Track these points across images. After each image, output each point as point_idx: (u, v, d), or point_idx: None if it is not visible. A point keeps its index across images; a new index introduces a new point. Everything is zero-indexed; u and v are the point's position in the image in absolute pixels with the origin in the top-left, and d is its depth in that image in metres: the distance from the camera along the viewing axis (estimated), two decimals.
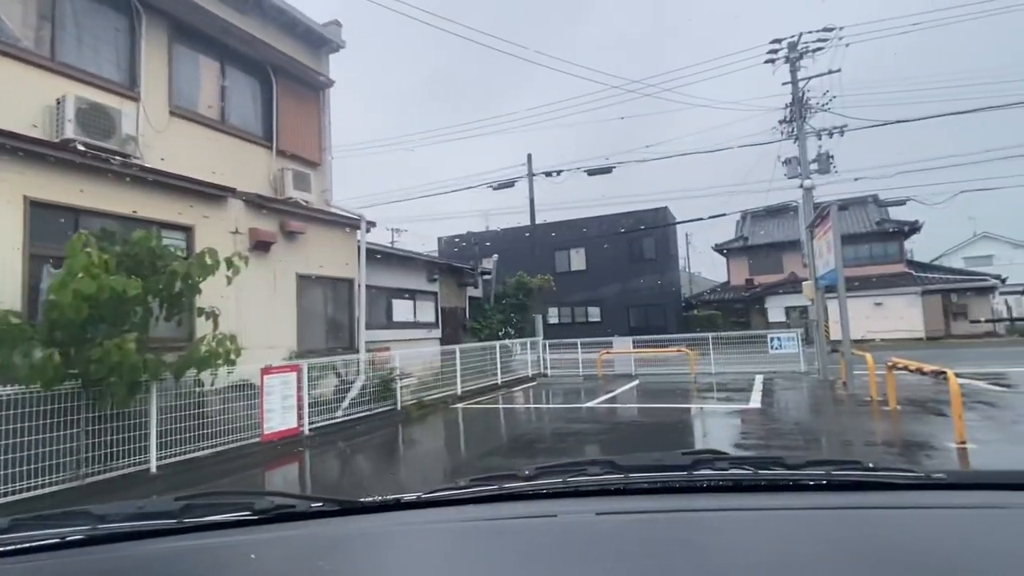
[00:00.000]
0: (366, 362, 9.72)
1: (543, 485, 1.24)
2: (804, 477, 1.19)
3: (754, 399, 10.06)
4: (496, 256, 18.64)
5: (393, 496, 1.26)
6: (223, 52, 8.72)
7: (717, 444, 7.06)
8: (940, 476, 1.17)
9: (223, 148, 8.57)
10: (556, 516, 1.07)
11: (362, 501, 1.26)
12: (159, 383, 6.11)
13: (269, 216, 8.97)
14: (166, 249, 6.28)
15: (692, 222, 26.61)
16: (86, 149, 6.54)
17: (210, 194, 8.00)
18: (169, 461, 6.29)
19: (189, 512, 1.16)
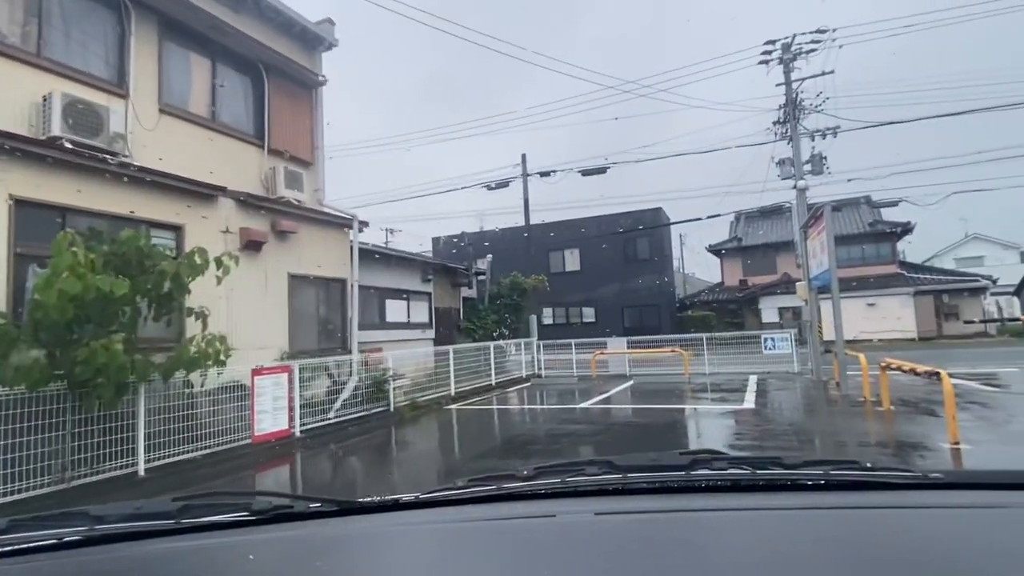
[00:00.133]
0: (359, 363, 9.66)
1: (542, 485, 1.24)
2: (802, 477, 1.19)
3: (748, 400, 10.07)
4: (490, 256, 18.55)
5: (391, 496, 1.25)
6: (214, 49, 8.63)
7: (711, 444, 7.05)
8: (937, 476, 1.17)
9: (214, 146, 8.48)
10: (555, 516, 1.07)
11: (360, 501, 1.25)
12: (147, 384, 6.04)
13: (260, 215, 8.89)
14: (155, 248, 6.19)
15: (686, 223, 26.64)
16: (73, 147, 6.45)
17: (200, 193, 7.91)
18: (158, 464, 6.21)
19: (187, 513, 1.16)
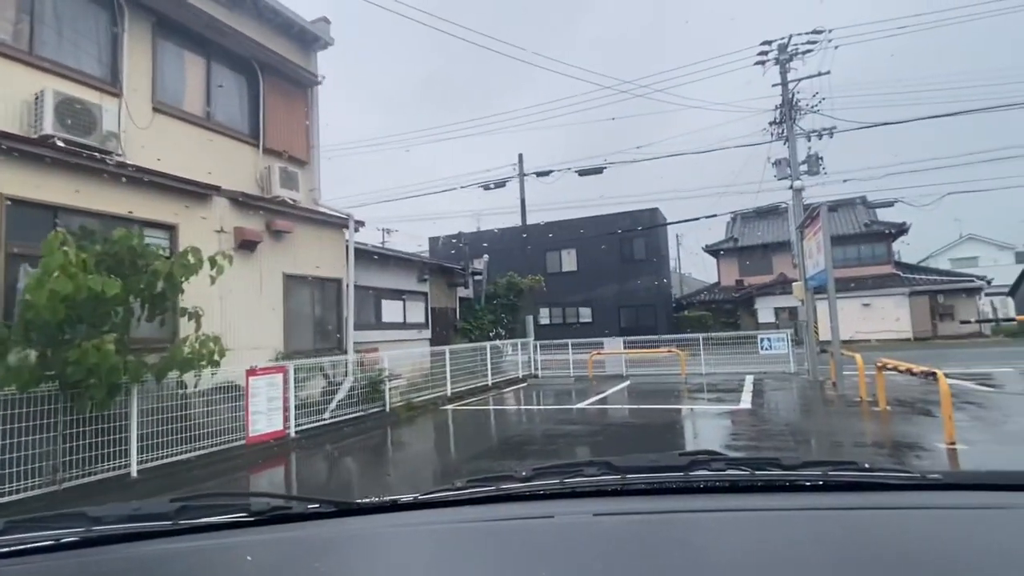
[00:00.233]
0: (354, 363, 9.61)
1: (540, 486, 1.23)
2: (800, 478, 1.19)
3: (744, 400, 10.07)
4: (487, 256, 18.52)
5: (389, 497, 1.25)
6: (208, 47, 8.57)
7: (708, 445, 7.04)
8: (936, 476, 1.17)
9: (208, 145, 8.42)
10: (553, 517, 1.07)
11: (358, 502, 1.25)
12: (140, 385, 5.98)
13: (255, 215, 8.83)
14: (148, 248, 6.13)
15: (683, 223, 26.59)
16: (66, 145, 6.39)
17: (194, 192, 7.86)
18: (151, 465, 6.16)
19: (184, 514, 1.15)
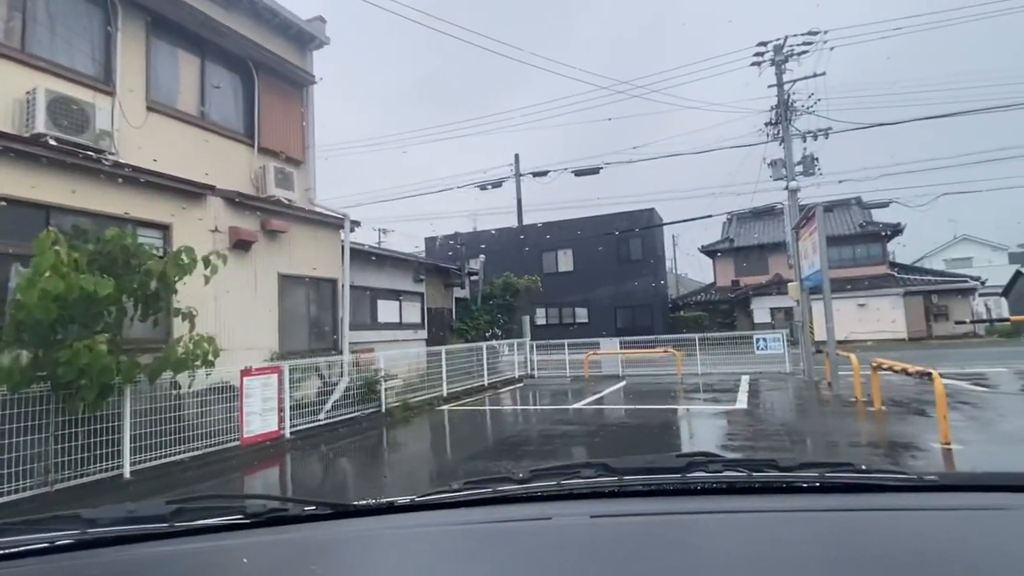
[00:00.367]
0: (350, 363, 9.57)
1: (537, 488, 1.23)
2: (797, 479, 1.19)
3: (740, 400, 10.08)
4: (483, 257, 18.50)
5: (386, 499, 1.24)
6: (203, 46, 8.53)
7: (704, 445, 7.03)
8: (932, 478, 1.17)
9: (203, 145, 8.38)
10: (550, 519, 1.07)
11: (355, 504, 1.24)
12: (134, 386, 5.94)
13: (250, 214, 8.79)
14: (141, 247, 6.09)
15: (679, 223, 26.69)
16: (58, 144, 6.34)
17: (188, 191, 7.81)
18: (144, 466, 6.11)
19: (180, 516, 1.14)
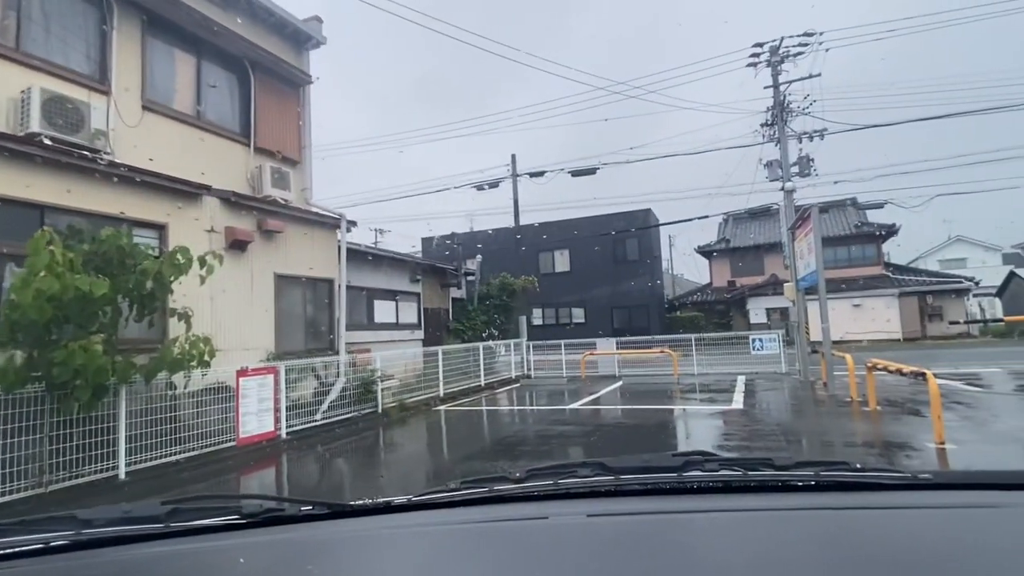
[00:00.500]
0: (346, 364, 9.56)
1: (534, 487, 1.23)
2: (793, 478, 1.19)
3: (736, 400, 10.11)
4: (480, 257, 18.44)
5: (383, 499, 1.24)
6: (199, 46, 8.50)
7: (700, 445, 7.05)
8: (927, 476, 1.17)
9: (199, 144, 8.35)
10: (547, 518, 1.07)
11: (352, 504, 1.24)
12: (129, 386, 5.91)
13: (246, 214, 8.77)
14: (136, 247, 6.07)
15: (676, 224, 26.74)
16: (53, 143, 6.31)
17: (184, 191, 7.78)
18: (139, 467, 6.10)
19: (176, 516, 1.14)
